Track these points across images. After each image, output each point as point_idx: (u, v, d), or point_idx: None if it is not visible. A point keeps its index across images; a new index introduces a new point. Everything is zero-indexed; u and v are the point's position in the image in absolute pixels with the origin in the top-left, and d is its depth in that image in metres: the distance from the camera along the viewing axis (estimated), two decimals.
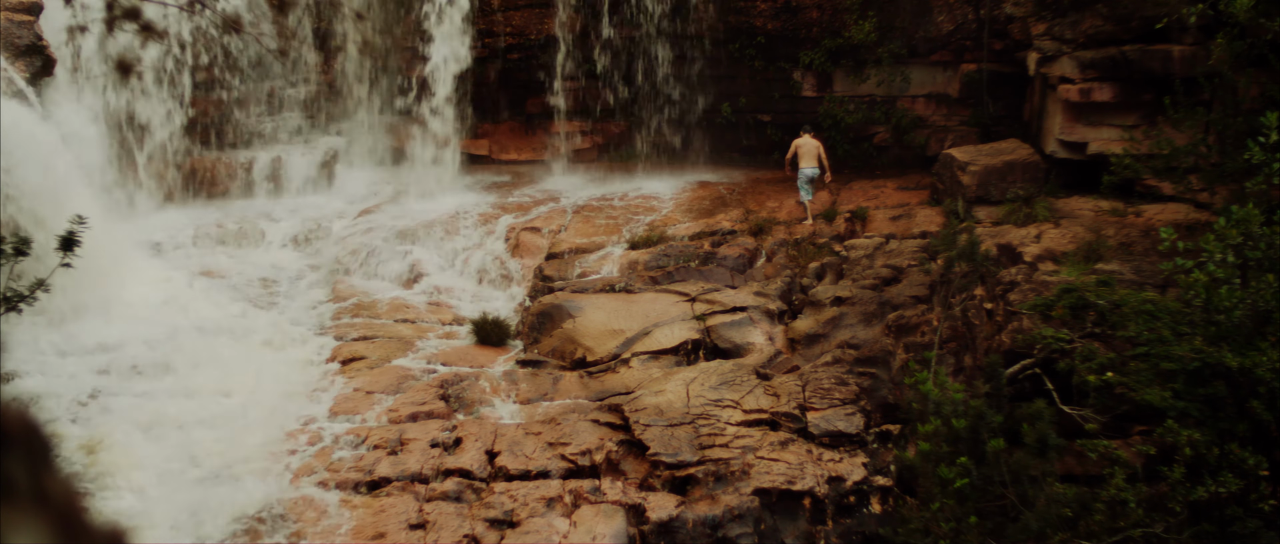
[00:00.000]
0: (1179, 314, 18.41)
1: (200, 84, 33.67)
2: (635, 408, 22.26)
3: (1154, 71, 28.73)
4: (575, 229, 31.39)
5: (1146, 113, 28.55)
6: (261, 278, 29.99)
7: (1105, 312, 20.23)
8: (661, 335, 25.29)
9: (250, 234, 31.93)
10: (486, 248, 30.96)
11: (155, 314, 27.03)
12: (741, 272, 28.81)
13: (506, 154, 37.16)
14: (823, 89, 35.32)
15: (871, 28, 33.60)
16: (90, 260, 14.67)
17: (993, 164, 30.21)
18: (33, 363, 23.92)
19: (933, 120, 35.03)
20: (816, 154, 32.54)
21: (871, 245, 29.14)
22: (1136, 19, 28.95)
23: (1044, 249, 25.87)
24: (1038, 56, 31.05)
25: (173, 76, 33.03)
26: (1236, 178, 22.37)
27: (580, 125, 36.68)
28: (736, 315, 25.92)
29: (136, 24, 7.13)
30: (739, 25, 34.99)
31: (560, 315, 26.36)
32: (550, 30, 35.43)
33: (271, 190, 34.26)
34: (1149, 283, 22.34)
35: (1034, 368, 20.79)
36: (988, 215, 28.89)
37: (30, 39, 28.89)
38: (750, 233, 30.38)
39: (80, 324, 25.87)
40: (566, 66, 35.76)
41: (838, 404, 22.32)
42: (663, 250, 29.27)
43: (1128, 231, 26.35)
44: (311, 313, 28.44)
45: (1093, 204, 28.43)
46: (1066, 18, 30.19)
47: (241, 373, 24.63)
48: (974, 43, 33.80)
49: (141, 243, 30.72)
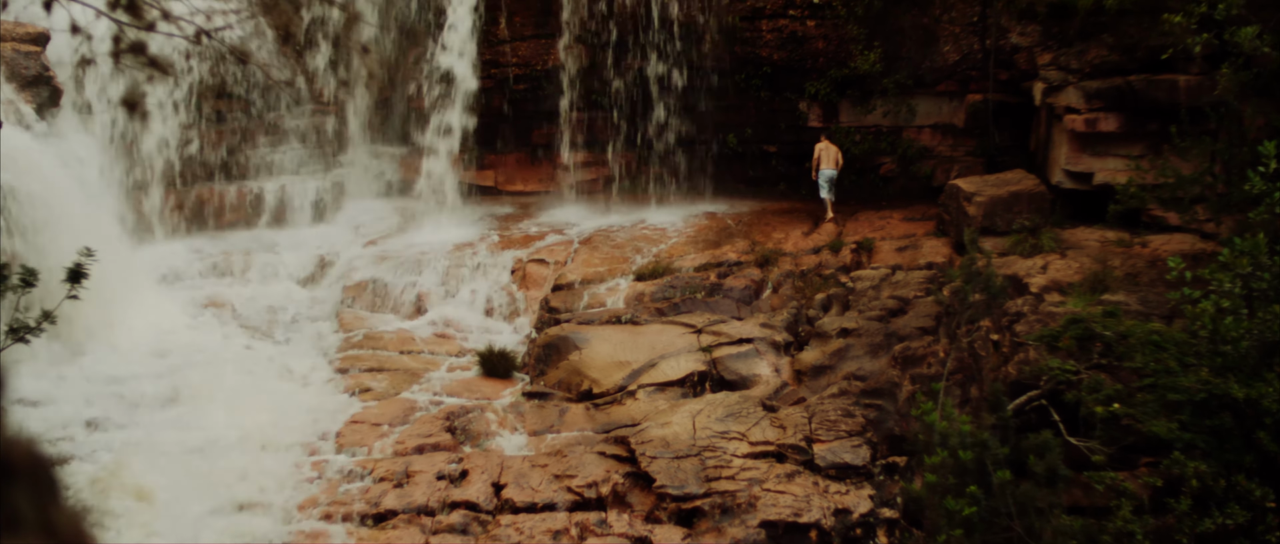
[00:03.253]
0: (1185, 345, 18.39)
1: (207, 115, 33.71)
2: (641, 440, 22.27)
3: (1159, 101, 28.71)
4: (581, 261, 31.37)
5: (1152, 143, 28.52)
6: (268, 309, 30.01)
7: (1112, 343, 20.23)
8: (668, 367, 25.28)
9: (257, 265, 31.93)
10: (493, 279, 30.95)
11: (161, 345, 27.05)
12: (748, 303, 28.80)
13: (513, 185, 37.17)
14: (829, 119, 35.31)
15: (877, 58, 33.62)
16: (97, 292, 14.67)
17: (999, 195, 30.19)
18: (40, 394, 23.93)
19: (939, 151, 35.01)
20: (836, 157, 33.56)
21: (878, 277, 29.12)
22: (1142, 49, 28.95)
23: (1050, 280, 25.85)
24: (1043, 86, 31.04)
25: (179, 108, 33.06)
26: (1242, 208, 22.34)
27: (586, 156, 36.66)
28: (743, 347, 25.90)
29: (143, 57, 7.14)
30: (745, 56, 35.00)
31: (566, 347, 26.35)
32: (556, 61, 35.46)
33: (278, 222, 34.27)
34: (1155, 314, 22.32)
35: (1040, 399, 20.77)
36: (994, 246, 28.81)
37: (37, 70, 28.95)
38: (756, 264, 30.37)
39: (87, 356, 25.90)
40: (573, 97, 35.77)
41: (844, 436, 22.31)
42: (669, 282, 29.26)
43: (1134, 262, 26.31)
44: (318, 344, 28.45)
45: (1099, 234, 28.39)
46: (1072, 47, 30.19)
47: (248, 404, 24.61)
48: (980, 73, 33.80)
49: (148, 274, 30.73)
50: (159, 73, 7.55)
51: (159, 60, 7.29)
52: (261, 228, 34.06)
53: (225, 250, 32.49)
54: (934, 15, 33.91)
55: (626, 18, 34.85)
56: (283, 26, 30.88)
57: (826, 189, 33.65)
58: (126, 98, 16.53)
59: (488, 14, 35.23)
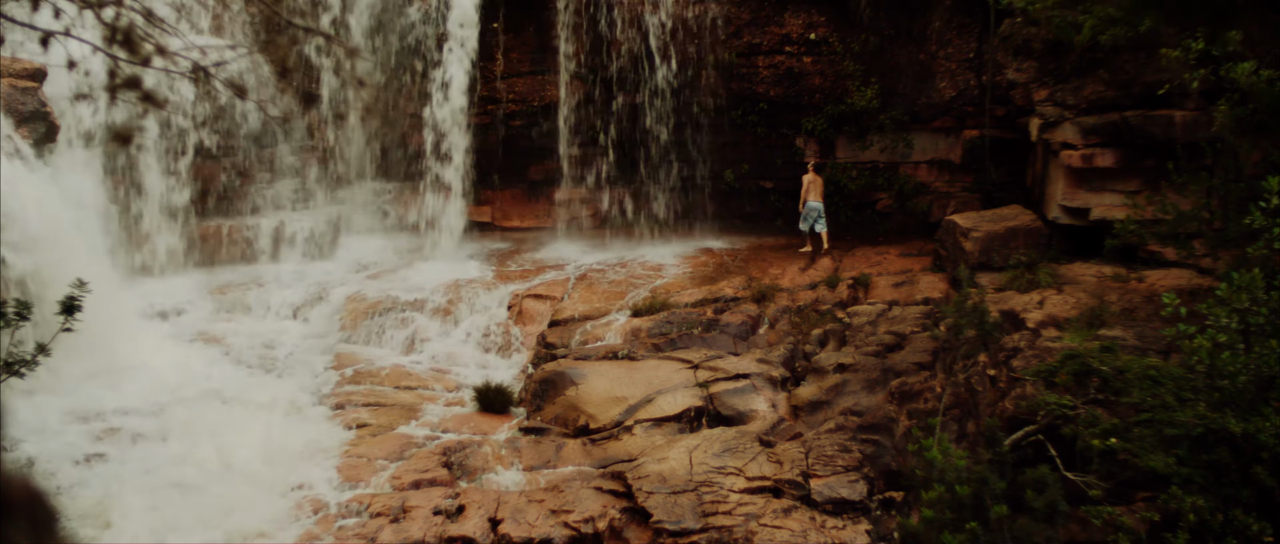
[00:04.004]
0: (1182, 380, 18.36)
1: (203, 150, 33.78)
2: (638, 475, 22.24)
3: (1156, 137, 28.74)
4: (578, 296, 31.38)
5: (1148, 178, 28.53)
6: (264, 344, 29.98)
7: (1108, 377, 20.19)
8: (664, 402, 25.25)
9: (253, 300, 31.94)
10: (489, 315, 30.96)
11: (158, 380, 27.02)
12: (744, 339, 28.78)
13: (509, 221, 37.23)
14: (825, 155, 35.39)
15: (873, 94, 33.74)
16: (92, 326, 14.67)
17: (995, 230, 30.23)
18: (35, 428, 23.88)
19: (935, 186, 35.08)
20: (821, 189, 33.88)
21: (874, 312, 29.14)
22: (1138, 84, 28.99)
23: (1047, 315, 25.85)
24: (1040, 122, 31.08)
25: (176, 143, 33.12)
26: (1239, 243, 22.33)
27: (583, 192, 36.73)
28: (739, 382, 25.88)
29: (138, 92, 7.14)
30: (742, 92, 35.09)
31: (563, 383, 26.32)
32: (553, 97, 35.55)
33: (274, 256, 34.33)
34: (1152, 349, 22.29)
35: (1037, 434, 20.73)
36: (991, 282, 28.85)
37: (34, 105, 28.98)
38: (753, 300, 30.37)
39: (82, 390, 25.86)
40: (569, 134, 35.83)
41: (841, 471, 22.28)
42: (665, 318, 29.25)
43: (1130, 297, 26.31)
44: (314, 380, 28.41)
45: (1095, 270, 28.40)
46: (1068, 83, 30.24)
47: (245, 440, 24.58)
48: (976, 109, 33.89)
49: (144, 309, 30.76)
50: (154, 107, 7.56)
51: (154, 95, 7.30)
52: (258, 263, 34.12)
53: (221, 285, 32.51)
54: (930, 51, 34.02)
55: (623, 54, 34.93)
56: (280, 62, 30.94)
57: (817, 222, 33.90)
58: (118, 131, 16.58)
59: (484, 50, 35.31)
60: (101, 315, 18.29)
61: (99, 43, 7.14)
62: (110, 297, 25.62)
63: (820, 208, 34.02)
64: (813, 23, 34.53)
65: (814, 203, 34.02)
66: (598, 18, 34.94)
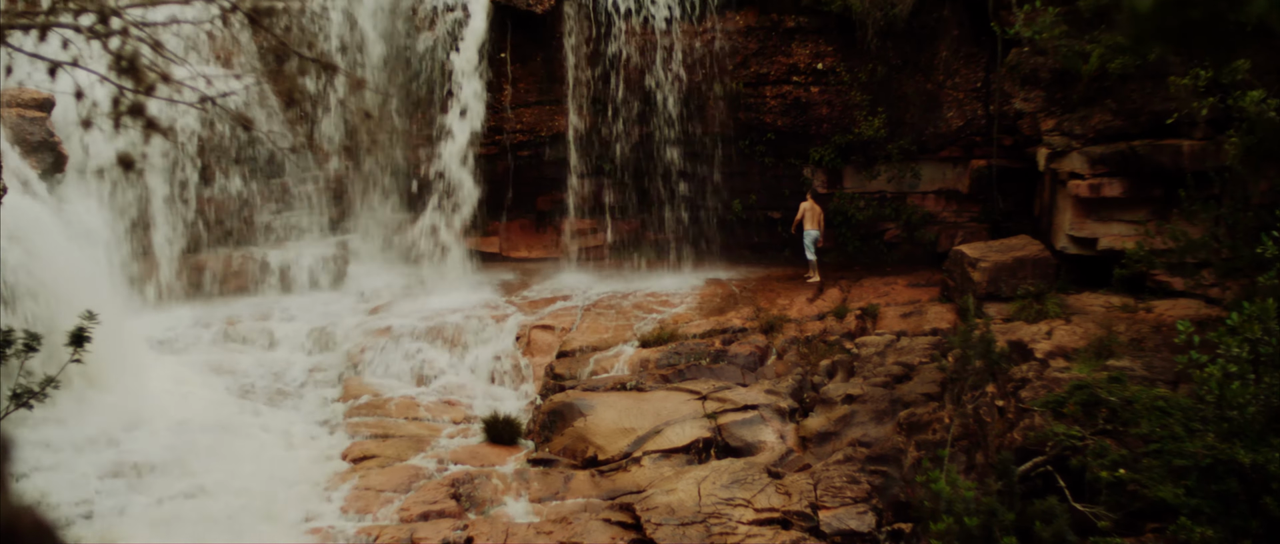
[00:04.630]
0: (1191, 410, 18.34)
1: (211, 181, 33.83)
2: (647, 507, 22.20)
3: (1164, 166, 28.72)
4: (586, 327, 31.35)
5: (1157, 208, 28.52)
6: (273, 375, 29.97)
7: (1117, 408, 20.16)
8: (673, 434, 25.21)
9: (261, 331, 31.94)
10: (497, 346, 30.94)
11: (166, 411, 26.99)
12: (752, 369, 28.74)
13: (517, 251, 37.21)
14: (833, 185, 35.37)
15: (881, 124, 33.72)
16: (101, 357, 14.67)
17: (1003, 260, 30.20)
18: (43, 460, 23.86)
19: (943, 216, 35.05)
20: (819, 218, 34.07)
21: (882, 343, 29.10)
22: (1146, 114, 28.98)
23: (1055, 345, 25.81)
24: (1047, 152, 31.07)
25: (184, 174, 33.17)
26: (1248, 272, 22.31)
27: (591, 223, 36.72)
28: (748, 413, 25.84)
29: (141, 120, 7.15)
30: (749, 122, 35.09)
31: (571, 414, 26.28)
32: (561, 128, 35.55)
33: (282, 287, 34.34)
34: (1161, 379, 22.26)
35: (1046, 465, 20.69)
36: (998, 312, 28.81)
37: (42, 135, 29.03)
38: (761, 330, 30.34)
39: (91, 421, 25.82)
40: (577, 164, 35.85)
41: (850, 503, 22.24)
42: (674, 349, 29.22)
43: (1139, 328, 26.27)
44: (323, 411, 28.40)
45: (1103, 300, 28.36)
46: (1076, 113, 30.21)
47: (253, 471, 24.56)
48: (984, 139, 33.88)
49: (152, 339, 30.77)
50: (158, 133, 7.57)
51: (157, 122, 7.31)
52: (266, 294, 34.13)
53: (229, 316, 32.52)
54: (937, 81, 34.02)
55: (631, 85, 34.97)
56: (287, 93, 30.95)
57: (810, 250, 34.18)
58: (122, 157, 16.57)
59: (493, 81, 35.32)
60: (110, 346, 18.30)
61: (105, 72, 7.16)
62: (118, 327, 25.59)
63: (816, 236, 34.30)
64: (820, 53, 34.54)
65: (812, 231, 34.27)
66: (605, 48, 34.96)
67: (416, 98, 35.94)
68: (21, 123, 28.78)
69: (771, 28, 34.74)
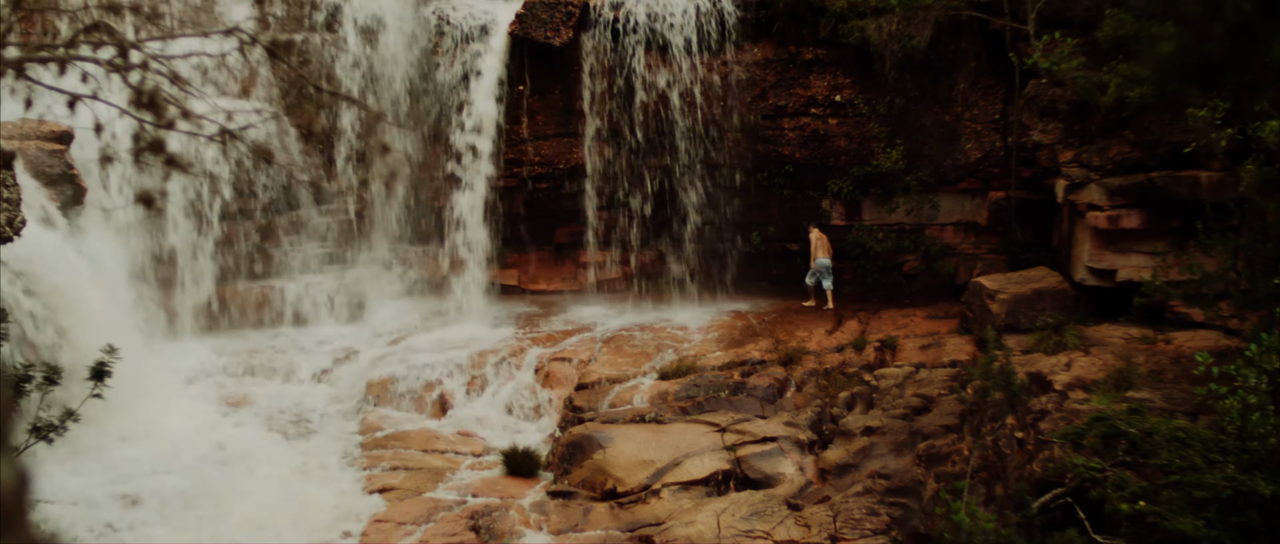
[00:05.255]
0: (1211, 442, 18.29)
1: (229, 214, 33.95)
2: (666, 539, 22.18)
3: (1182, 198, 28.71)
4: (605, 359, 31.34)
5: (1175, 239, 28.49)
6: (290, 408, 29.98)
7: (1137, 440, 20.11)
8: (692, 466, 25.19)
9: (280, 364, 31.99)
10: (516, 378, 30.94)
11: (185, 444, 27.05)
12: (771, 402, 28.71)
13: (536, 284, 37.24)
14: (851, 217, 35.39)
15: (899, 156, 33.73)
16: (120, 390, 14.69)
17: (1022, 292, 30.17)
18: (60, 492, 23.90)
19: (961, 248, 35.05)
20: (828, 247, 34.42)
21: (901, 375, 29.07)
22: (1164, 145, 28.98)
23: (1074, 377, 25.77)
24: (1066, 183, 31.05)
25: (202, 207, 33.28)
26: (1267, 304, 22.28)
27: (610, 255, 36.75)
28: (767, 446, 25.81)
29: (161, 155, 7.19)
30: (768, 154, 35.11)
31: (590, 446, 26.27)
32: (579, 160, 35.60)
33: (300, 321, 34.42)
34: (1180, 410, 22.21)
35: (1066, 497, 20.63)
36: (1017, 344, 28.77)
37: (61, 168, 29.12)
38: (780, 363, 30.31)
39: (110, 454, 25.88)
40: (595, 196, 35.89)
41: (869, 535, 22.19)
42: (693, 381, 29.20)
43: (1158, 359, 26.23)
44: (341, 444, 28.41)
45: (1122, 331, 28.32)
46: (1094, 145, 30.21)
47: (272, 504, 24.58)
48: (1002, 170, 33.88)
49: (171, 373, 30.81)
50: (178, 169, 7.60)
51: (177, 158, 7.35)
52: (285, 326, 34.21)
53: (248, 349, 32.59)
54: (955, 113, 34.05)
55: (649, 116, 35.03)
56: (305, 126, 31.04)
57: (825, 278, 34.40)
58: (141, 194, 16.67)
59: (511, 113, 35.40)
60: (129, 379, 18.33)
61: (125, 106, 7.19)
62: (137, 360, 25.64)
63: (829, 264, 34.44)
64: (838, 85, 34.58)
65: (824, 260, 34.40)
66: (623, 81, 35.03)
67: (435, 130, 36.02)
68: (41, 155, 28.87)
69: (789, 60, 34.80)
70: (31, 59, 7.07)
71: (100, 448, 25.70)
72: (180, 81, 7.21)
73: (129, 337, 26.25)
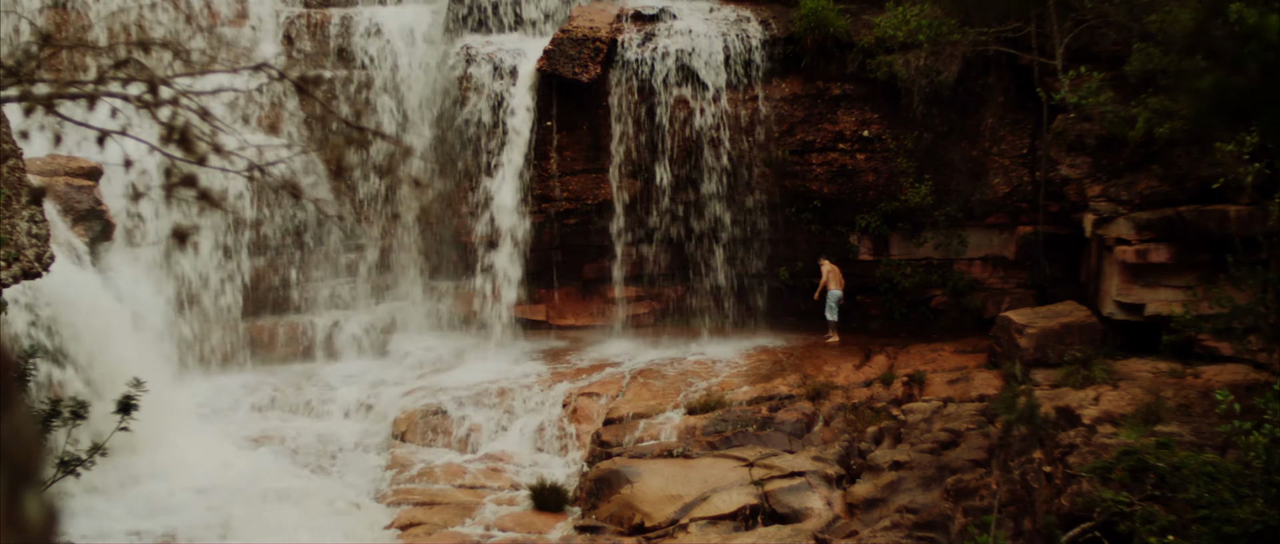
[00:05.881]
0: (1240, 476, 18.24)
1: (258, 249, 34.08)
2: None
3: (1211, 232, 28.64)
4: (633, 394, 31.32)
5: (1204, 273, 28.39)
6: (319, 443, 30.05)
7: (1165, 474, 20.07)
8: (720, 501, 25.18)
9: (308, 399, 32.06)
10: (544, 413, 30.94)
11: (213, 479, 27.12)
12: (799, 436, 28.69)
13: (563, 319, 37.24)
14: (879, 252, 35.40)
15: (927, 191, 33.71)
16: (148, 424, 14.74)
17: (1050, 327, 30.11)
18: (90, 527, 23.96)
19: (989, 283, 35.00)
20: (840, 278, 34.64)
21: (929, 409, 29.04)
22: (1192, 179, 28.91)
23: (1102, 411, 25.70)
24: (1094, 218, 30.99)
25: (230, 242, 33.43)
26: None
27: (638, 290, 36.74)
28: (795, 480, 25.79)
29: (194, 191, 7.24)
30: (795, 189, 35.12)
31: (618, 481, 26.28)
32: (607, 195, 35.62)
33: (329, 355, 34.53)
34: (1209, 445, 22.14)
35: (1094, 531, 20.59)
36: (1046, 378, 28.70)
37: (90, 204, 29.28)
38: (808, 397, 30.28)
39: (138, 489, 25.96)
40: (623, 231, 35.91)
41: None
42: (721, 415, 29.18)
43: (1186, 393, 26.15)
44: (369, 478, 28.45)
45: (1151, 366, 28.24)
46: (1122, 179, 30.16)
47: (302, 539, 24.59)
48: (1030, 205, 33.85)
49: (199, 407, 30.91)
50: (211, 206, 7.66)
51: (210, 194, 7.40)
52: (313, 361, 34.32)
53: (276, 384, 32.68)
54: (983, 148, 34.06)
55: (677, 152, 35.06)
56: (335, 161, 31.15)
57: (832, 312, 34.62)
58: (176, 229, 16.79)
59: (539, 148, 35.46)
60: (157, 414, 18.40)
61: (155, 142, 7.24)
62: (165, 395, 25.73)
63: (839, 296, 34.69)
64: (866, 120, 34.61)
65: (835, 291, 34.61)
66: (651, 116, 35.07)
67: (463, 165, 36.09)
68: (70, 191, 29.04)
69: (817, 95, 34.84)
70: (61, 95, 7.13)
71: (128, 482, 25.79)
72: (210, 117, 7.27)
73: (157, 371, 26.34)
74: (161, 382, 25.61)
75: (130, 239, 31.82)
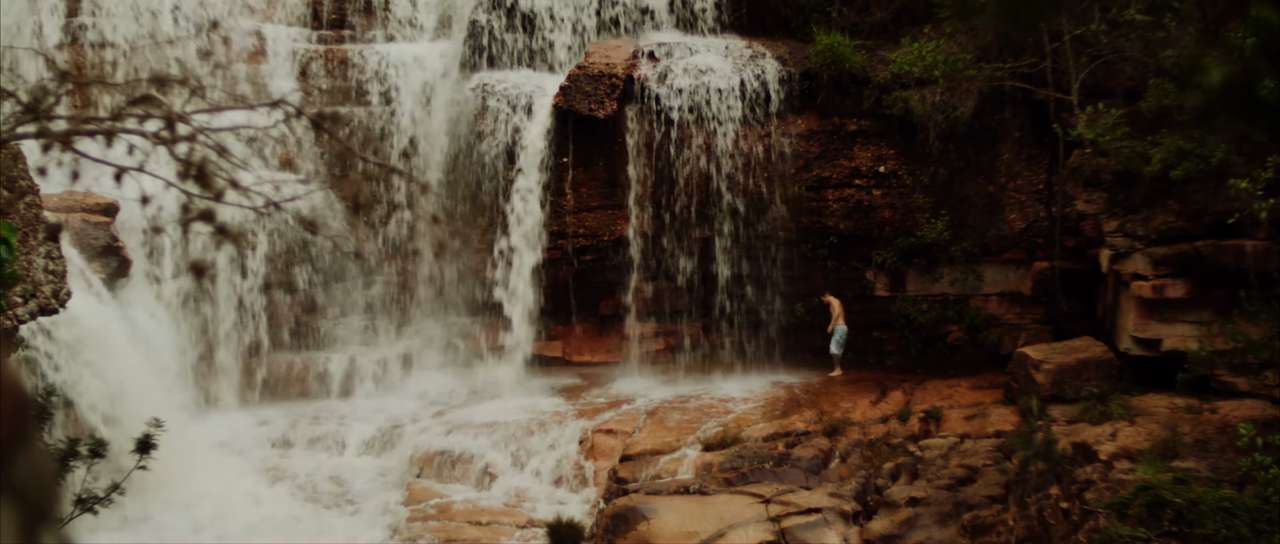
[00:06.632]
0: (1257, 511, 18.22)
1: (273, 285, 34.15)
2: None
3: (1227, 266, 28.61)
4: (649, 431, 31.30)
5: (1220, 308, 28.37)
6: (336, 479, 30.05)
7: (1182, 509, 20.04)
8: (736, 537, 25.14)
9: (324, 435, 32.06)
10: (560, 450, 30.92)
11: (231, 516, 27.12)
12: (816, 472, 28.66)
13: (580, 356, 37.25)
14: (895, 288, 35.41)
15: (944, 227, 33.74)
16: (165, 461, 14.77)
17: (1067, 362, 30.06)
18: None
19: (1006, 318, 34.99)
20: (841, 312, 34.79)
21: (946, 445, 28.99)
22: (1208, 214, 28.89)
23: (1120, 447, 25.66)
24: (1110, 253, 30.98)
25: (246, 278, 33.49)
26: None
27: (654, 327, 36.75)
28: (811, 517, 25.75)
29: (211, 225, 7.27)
30: (812, 225, 35.14)
31: (635, 518, 26.24)
32: (623, 232, 35.64)
33: (345, 392, 34.52)
34: (1226, 480, 22.10)
35: None
36: (1062, 414, 28.66)
37: (106, 240, 29.36)
38: (824, 434, 30.25)
39: (154, 526, 25.97)
40: (640, 268, 35.92)
41: None
42: (737, 452, 29.16)
43: (1203, 429, 26.09)
44: (386, 515, 28.43)
45: (1168, 401, 28.18)
46: (1138, 214, 30.16)
47: None
48: (1046, 240, 33.86)
49: (215, 443, 30.92)
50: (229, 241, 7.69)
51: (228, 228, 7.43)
52: (329, 398, 34.31)
53: (292, 420, 32.67)
54: (1000, 183, 34.07)
55: (693, 188, 35.08)
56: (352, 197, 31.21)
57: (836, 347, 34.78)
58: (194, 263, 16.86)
59: (555, 185, 35.49)
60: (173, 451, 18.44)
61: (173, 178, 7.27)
62: (182, 432, 25.77)
63: (845, 330, 34.81)
64: (882, 156, 34.64)
65: (842, 326, 34.72)
66: (667, 153, 35.10)
67: (479, 202, 36.13)
68: (86, 228, 29.13)
69: (833, 131, 34.88)
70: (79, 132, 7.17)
71: (144, 520, 25.81)
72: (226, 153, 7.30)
73: (173, 407, 26.41)
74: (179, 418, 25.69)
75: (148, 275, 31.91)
